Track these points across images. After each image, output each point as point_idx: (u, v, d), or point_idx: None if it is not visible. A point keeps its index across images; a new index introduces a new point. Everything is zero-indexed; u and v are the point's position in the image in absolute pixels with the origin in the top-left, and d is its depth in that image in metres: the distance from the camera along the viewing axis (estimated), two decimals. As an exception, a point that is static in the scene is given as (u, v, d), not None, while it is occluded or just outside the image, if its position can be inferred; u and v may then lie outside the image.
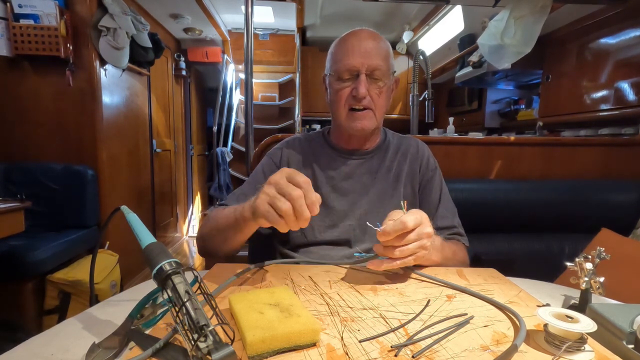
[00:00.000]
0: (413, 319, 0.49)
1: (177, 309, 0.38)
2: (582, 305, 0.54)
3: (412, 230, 0.59)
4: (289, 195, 0.55)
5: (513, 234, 1.30)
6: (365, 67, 0.81)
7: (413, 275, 0.67)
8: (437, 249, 0.73)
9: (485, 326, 0.47)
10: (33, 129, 2.12)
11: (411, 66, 3.83)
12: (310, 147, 0.94)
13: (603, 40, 1.90)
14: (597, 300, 0.60)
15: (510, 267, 0.73)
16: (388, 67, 0.84)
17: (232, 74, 4.06)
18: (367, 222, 0.65)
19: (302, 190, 0.55)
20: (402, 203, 0.64)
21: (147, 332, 0.45)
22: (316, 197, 0.56)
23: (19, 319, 1.71)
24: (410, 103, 2.04)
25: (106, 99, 2.26)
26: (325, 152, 0.93)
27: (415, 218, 0.60)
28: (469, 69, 2.72)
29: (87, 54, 2.12)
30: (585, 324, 0.41)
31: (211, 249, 0.79)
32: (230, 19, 3.68)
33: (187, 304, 0.38)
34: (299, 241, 0.86)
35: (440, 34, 3.22)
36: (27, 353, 0.42)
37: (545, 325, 0.43)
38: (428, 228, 0.62)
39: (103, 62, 2.20)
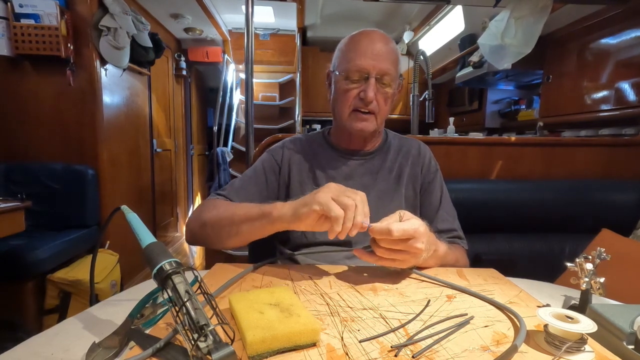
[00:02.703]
0: (413, 319, 0.49)
1: (177, 308, 0.38)
2: (583, 306, 0.54)
3: (401, 238, 0.60)
4: (352, 198, 0.59)
5: (513, 234, 1.30)
6: (376, 71, 0.79)
7: (413, 275, 0.67)
8: (438, 257, 0.72)
9: (485, 326, 0.47)
10: (34, 128, 2.12)
11: (411, 66, 3.82)
12: (310, 148, 0.94)
13: (604, 41, 1.90)
14: (598, 300, 0.60)
15: (510, 267, 0.73)
16: (396, 73, 0.83)
17: (232, 74, 4.06)
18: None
19: (358, 203, 0.60)
20: (398, 213, 0.64)
21: (147, 331, 0.45)
22: (367, 209, 0.61)
23: (20, 318, 1.71)
24: (411, 103, 2.03)
25: (107, 98, 2.26)
26: (325, 152, 0.93)
27: (405, 230, 0.59)
28: (469, 69, 2.71)
29: (88, 54, 2.12)
30: (585, 325, 0.41)
31: (212, 238, 0.77)
32: (231, 18, 3.68)
33: (187, 303, 0.38)
34: (299, 241, 0.86)
35: (441, 34, 3.22)
36: (28, 352, 0.42)
37: (546, 325, 0.43)
38: (419, 244, 0.61)
39: (103, 62, 2.20)
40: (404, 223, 0.60)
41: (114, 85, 2.36)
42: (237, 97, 4.19)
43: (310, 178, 0.90)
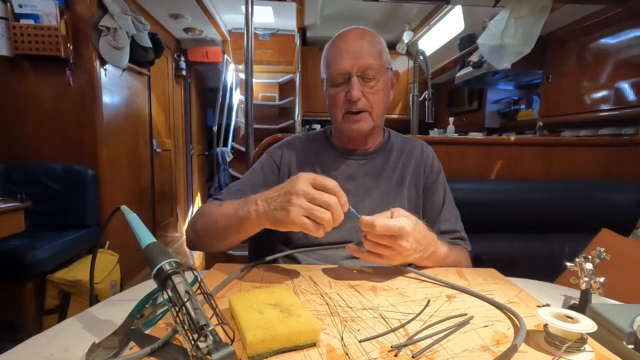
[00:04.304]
0: (413, 319, 0.49)
1: (177, 309, 0.38)
2: (582, 306, 0.54)
3: (385, 234, 0.60)
4: (327, 205, 0.57)
5: (513, 234, 1.30)
6: (355, 69, 0.79)
7: (413, 275, 0.67)
8: (438, 259, 0.72)
9: (485, 326, 0.47)
10: (33, 128, 2.12)
11: (411, 66, 3.83)
12: (312, 147, 0.94)
13: (603, 41, 1.90)
14: (597, 300, 0.60)
15: (510, 267, 0.73)
16: (382, 64, 0.82)
17: (232, 74, 4.06)
18: (350, 207, 0.64)
19: (335, 195, 0.58)
20: (390, 210, 0.64)
21: (147, 332, 0.45)
22: (345, 198, 0.60)
23: (19, 318, 1.71)
24: (411, 103, 2.04)
25: (106, 99, 2.26)
26: (327, 152, 0.92)
27: (388, 227, 0.59)
28: (469, 69, 2.72)
29: (87, 54, 2.12)
30: (585, 324, 0.41)
31: (206, 245, 0.78)
32: (231, 19, 3.68)
33: (187, 303, 0.38)
34: (300, 242, 0.86)
35: (441, 34, 3.22)
36: (28, 353, 0.42)
37: (545, 325, 0.43)
38: (404, 242, 0.61)
39: (103, 62, 2.20)
40: (390, 220, 0.61)
41: (114, 86, 2.36)
42: (237, 97, 4.19)
43: None
